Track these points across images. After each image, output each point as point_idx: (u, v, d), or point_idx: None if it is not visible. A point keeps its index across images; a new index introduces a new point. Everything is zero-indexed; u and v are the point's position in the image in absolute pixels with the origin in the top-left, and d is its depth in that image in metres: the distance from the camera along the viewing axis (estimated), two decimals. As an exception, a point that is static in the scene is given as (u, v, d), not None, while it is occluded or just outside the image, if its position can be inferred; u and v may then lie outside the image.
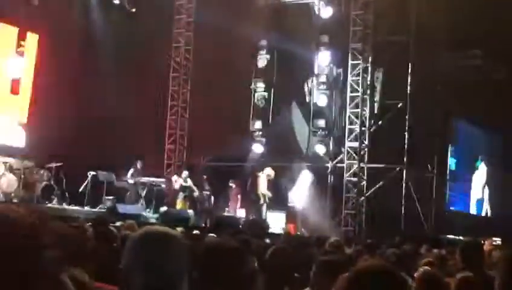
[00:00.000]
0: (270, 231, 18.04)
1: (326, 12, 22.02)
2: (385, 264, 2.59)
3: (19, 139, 21.12)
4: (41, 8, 21.46)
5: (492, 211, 26.00)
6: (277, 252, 6.00)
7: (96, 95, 21.28)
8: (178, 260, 2.53)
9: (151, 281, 2.47)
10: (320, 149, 22.37)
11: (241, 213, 21.31)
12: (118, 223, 10.77)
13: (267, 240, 10.57)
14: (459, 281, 5.08)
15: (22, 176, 17.94)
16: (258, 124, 23.26)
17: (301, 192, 21.37)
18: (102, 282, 4.24)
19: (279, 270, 5.63)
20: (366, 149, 21.85)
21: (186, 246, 2.62)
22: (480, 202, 26.07)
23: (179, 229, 10.03)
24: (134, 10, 23.22)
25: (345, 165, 21.76)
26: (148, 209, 20.05)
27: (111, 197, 19.29)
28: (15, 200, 16.85)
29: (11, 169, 17.73)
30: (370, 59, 22.03)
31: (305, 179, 21.58)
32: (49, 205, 17.69)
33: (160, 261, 2.49)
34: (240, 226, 18.15)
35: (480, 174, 26.33)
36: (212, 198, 21.56)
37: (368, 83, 22.02)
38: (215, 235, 9.64)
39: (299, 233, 19.28)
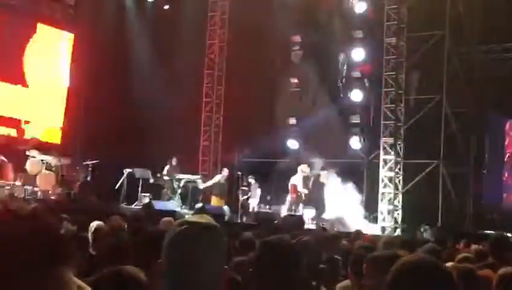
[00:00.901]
0: (306, 226, 18.09)
1: (360, 7, 21.90)
2: (430, 257, 2.56)
3: (56, 137, 21.39)
4: (76, 7, 21.70)
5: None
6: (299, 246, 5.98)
7: (131, 93, 21.45)
8: (217, 257, 2.37)
9: (187, 282, 2.32)
10: (355, 144, 22.30)
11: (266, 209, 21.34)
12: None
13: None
14: (500, 277, 4.99)
15: (60, 173, 18.13)
16: (292, 120, 23.25)
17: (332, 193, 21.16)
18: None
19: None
20: (401, 144, 21.68)
21: (225, 241, 2.45)
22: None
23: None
24: (167, 7, 23.35)
25: (380, 160, 21.62)
26: (183, 206, 20.14)
27: (147, 194, 19.42)
28: (53, 197, 17.04)
29: (48, 167, 17.92)
30: (405, 54, 21.86)
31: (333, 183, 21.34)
32: (86, 202, 17.84)
33: (197, 259, 2.32)
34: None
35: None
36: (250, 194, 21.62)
37: (403, 78, 21.85)
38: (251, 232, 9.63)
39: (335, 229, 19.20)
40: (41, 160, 17.85)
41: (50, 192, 17.68)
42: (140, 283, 3.40)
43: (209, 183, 20.93)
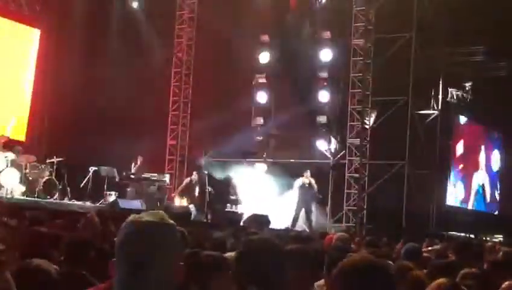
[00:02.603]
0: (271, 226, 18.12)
1: (328, 8, 21.98)
2: (371, 257, 2.60)
3: (20, 134, 21.15)
4: (43, 3, 21.50)
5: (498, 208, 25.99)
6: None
7: (98, 90, 21.28)
8: (167, 254, 2.26)
9: (136, 281, 2.22)
10: (322, 145, 22.38)
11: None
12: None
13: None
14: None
15: (24, 170, 17.92)
16: (259, 120, 23.27)
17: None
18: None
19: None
20: (367, 145, 21.82)
21: (178, 238, 2.34)
22: (480, 197, 26.02)
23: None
24: (136, 5, 23.20)
25: (346, 161, 21.74)
26: (149, 205, 19.99)
27: (112, 192, 19.29)
28: (16, 195, 16.84)
29: (12, 164, 17.71)
30: (372, 55, 22.00)
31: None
32: (51, 199, 17.66)
33: (144, 258, 2.21)
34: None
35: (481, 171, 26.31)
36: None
37: (370, 79, 21.99)
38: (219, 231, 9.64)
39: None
40: (5, 157, 17.63)
41: (14, 190, 17.47)
42: (48, 275, 3.40)
43: (180, 189, 20.85)
